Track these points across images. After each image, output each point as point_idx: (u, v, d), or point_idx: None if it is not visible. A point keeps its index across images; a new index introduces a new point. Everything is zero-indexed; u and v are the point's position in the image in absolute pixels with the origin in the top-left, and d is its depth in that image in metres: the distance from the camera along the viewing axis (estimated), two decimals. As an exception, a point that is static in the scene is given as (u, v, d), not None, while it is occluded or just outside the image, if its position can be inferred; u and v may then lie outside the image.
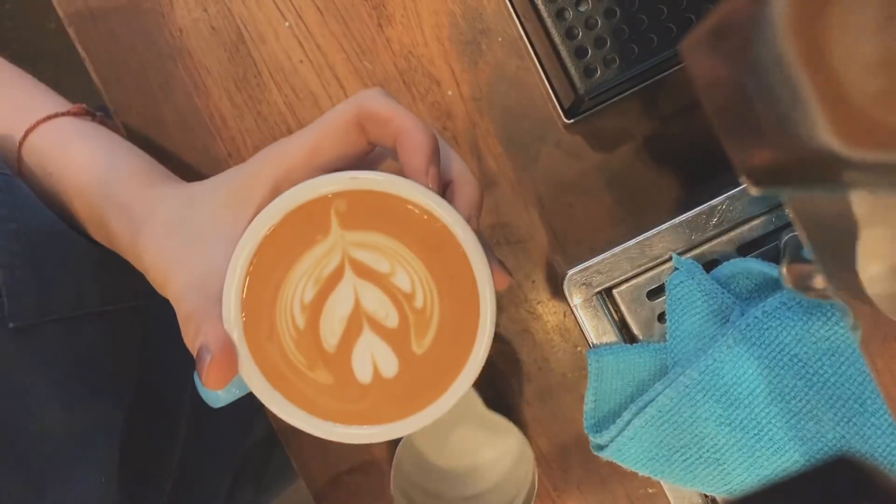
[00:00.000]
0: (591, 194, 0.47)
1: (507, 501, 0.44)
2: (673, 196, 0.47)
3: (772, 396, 0.37)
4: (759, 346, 0.37)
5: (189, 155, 0.48)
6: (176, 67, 0.47)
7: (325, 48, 0.47)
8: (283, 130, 0.47)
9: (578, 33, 0.40)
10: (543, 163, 0.47)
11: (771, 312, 0.37)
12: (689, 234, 0.39)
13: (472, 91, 0.47)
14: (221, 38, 0.47)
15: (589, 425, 0.40)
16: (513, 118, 0.47)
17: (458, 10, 0.46)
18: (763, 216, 0.39)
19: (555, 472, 0.49)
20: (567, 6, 0.40)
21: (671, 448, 0.38)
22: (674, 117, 0.46)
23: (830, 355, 0.36)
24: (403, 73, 0.47)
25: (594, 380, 0.40)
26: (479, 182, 0.32)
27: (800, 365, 0.37)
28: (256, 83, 0.47)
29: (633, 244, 0.39)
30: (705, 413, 0.37)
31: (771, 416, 0.37)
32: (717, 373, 0.37)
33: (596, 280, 0.40)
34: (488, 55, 0.46)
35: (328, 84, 0.47)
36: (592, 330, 0.40)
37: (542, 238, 0.47)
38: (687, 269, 0.39)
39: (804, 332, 0.36)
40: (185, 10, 0.47)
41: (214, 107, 0.47)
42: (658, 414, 0.38)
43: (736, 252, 0.40)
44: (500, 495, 0.45)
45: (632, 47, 0.40)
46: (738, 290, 0.39)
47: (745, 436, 0.37)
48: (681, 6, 0.39)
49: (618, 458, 0.40)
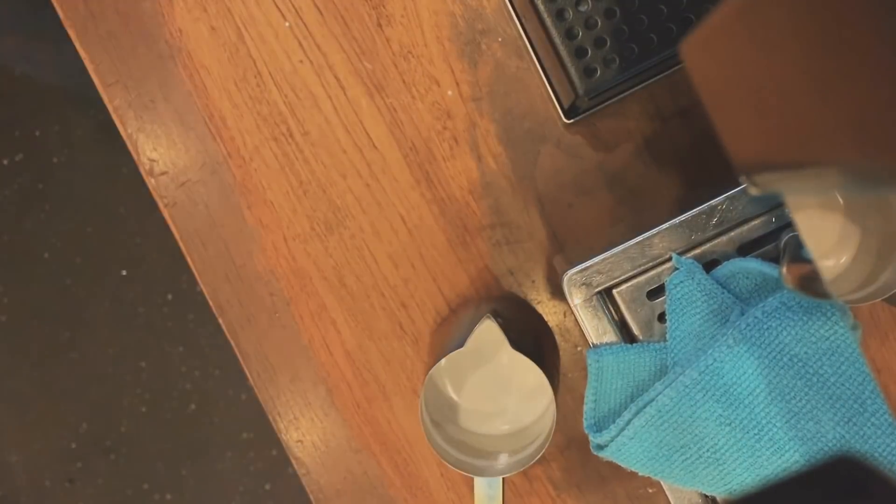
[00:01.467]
0: (591, 194, 0.47)
1: (528, 442, 0.45)
2: (673, 196, 0.47)
3: (772, 396, 0.37)
4: (759, 345, 0.37)
5: (189, 155, 0.48)
6: (176, 67, 0.47)
7: (324, 48, 0.47)
8: (283, 130, 0.47)
9: (578, 33, 0.40)
10: (543, 163, 0.47)
11: (771, 312, 0.37)
12: (689, 234, 0.39)
13: (472, 91, 0.47)
14: (221, 38, 0.47)
15: (589, 425, 0.40)
16: (513, 118, 0.47)
17: (458, 10, 0.46)
18: (763, 216, 0.39)
19: (555, 472, 0.49)
20: (567, 6, 0.40)
21: (671, 448, 0.38)
22: (674, 117, 0.46)
23: (830, 355, 0.36)
24: (403, 74, 0.47)
25: (594, 380, 0.40)
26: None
27: (800, 365, 0.37)
28: (256, 83, 0.47)
29: (633, 244, 0.39)
30: (705, 413, 0.37)
31: (771, 416, 0.37)
32: (717, 373, 0.37)
33: (596, 280, 0.40)
34: (488, 55, 0.46)
35: (328, 84, 0.47)
36: (592, 330, 0.40)
37: (542, 238, 0.47)
38: (687, 269, 0.39)
39: (804, 332, 0.36)
40: (185, 10, 0.47)
41: (214, 107, 0.47)
42: (658, 414, 0.38)
43: (736, 252, 0.40)
44: (523, 437, 0.45)
45: (632, 47, 0.40)
46: (738, 290, 0.39)
47: (745, 436, 0.37)
48: (681, 6, 0.39)
49: (618, 458, 0.39)
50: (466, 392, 0.46)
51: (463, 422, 0.46)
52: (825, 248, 0.35)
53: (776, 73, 0.23)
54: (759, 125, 0.26)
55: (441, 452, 0.43)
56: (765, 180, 0.28)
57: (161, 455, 1.33)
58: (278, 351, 0.49)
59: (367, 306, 0.48)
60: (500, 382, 0.46)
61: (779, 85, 0.23)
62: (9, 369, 1.33)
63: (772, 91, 0.23)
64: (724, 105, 0.29)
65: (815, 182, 0.24)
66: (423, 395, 0.43)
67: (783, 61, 0.22)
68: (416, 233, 0.48)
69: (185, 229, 0.48)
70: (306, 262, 0.48)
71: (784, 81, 0.22)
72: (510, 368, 0.46)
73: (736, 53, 0.25)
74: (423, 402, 0.43)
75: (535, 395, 0.46)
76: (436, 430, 0.44)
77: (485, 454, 0.45)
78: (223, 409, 1.31)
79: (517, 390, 0.46)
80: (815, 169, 0.23)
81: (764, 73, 0.23)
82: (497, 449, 0.45)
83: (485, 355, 0.46)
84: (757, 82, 0.24)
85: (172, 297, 1.31)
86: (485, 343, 0.45)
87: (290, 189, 0.48)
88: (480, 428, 0.46)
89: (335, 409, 0.49)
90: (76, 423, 1.33)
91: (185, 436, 1.32)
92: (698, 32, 0.28)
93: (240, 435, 1.31)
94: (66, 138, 1.31)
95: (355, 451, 0.49)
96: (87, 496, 1.33)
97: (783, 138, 0.24)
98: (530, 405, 0.46)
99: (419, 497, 0.49)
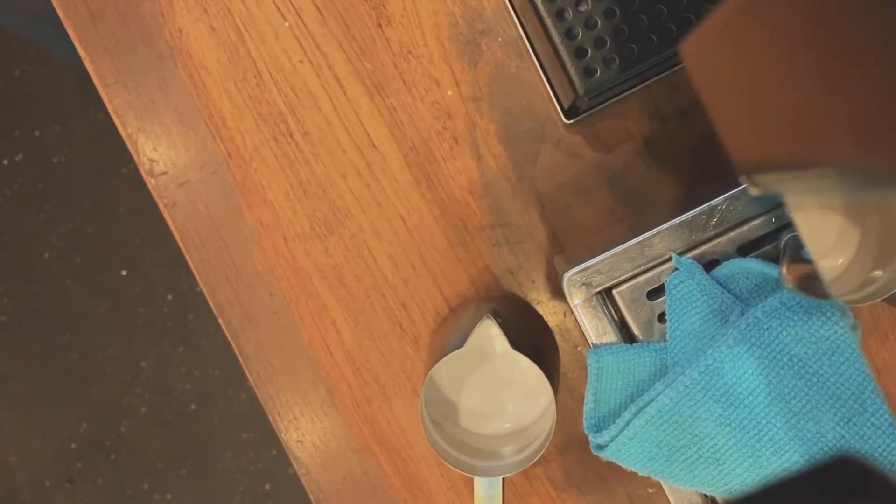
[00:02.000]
0: (591, 194, 0.47)
1: (528, 442, 0.44)
2: (673, 196, 0.47)
3: (772, 396, 0.37)
4: (759, 346, 0.37)
5: (189, 155, 0.48)
6: (176, 67, 0.47)
7: (324, 48, 0.47)
8: (283, 130, 0.47)
9: (578, 33, 0.40)
10: (543, 163, 0.47)
11: (771, 312, 0.37)
12: (689, 234, 0.39)
13: (472, 91, 0.47)
14: (221, 38, 0.47)
15: (589, 425, 0.40)
16: (513, 118, 0.47)
17: (457, 10, 0.46)
18: (763, 216, 0.39)
19: (555, 472, 0.49)
20: (567, 6, 0.40)
21: (671, 448, 0.38)
22: (674, 117, 0.46)
23: (830, 355, 0.36)
24: (403, 74, 0.47)
25: (594, 380, 0.40)
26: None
27: (800, 365, 0.37)
28: (256, 83, 0.47)
29: (633, 244, 0.39)
30: (705, 413, 0.37)
31: (771, 416, 0.37)
32: (717, 373, 0.37)
33: (596, 280, 0.40)
34: (488, 55, 0.46)
35: (328, 84, 0.47)
36: (592, 330, 0.40)
37: (542, 238, 0.47)
38: (687, 269, 0.39)
39: (804, 332, 0.36)
40: (185, 10, 0.47)
41: (214, 107, 0.47)
42: (658, 414, 0.38)
43: (736, 252, 0.40)
44: (523, 437, 0.45)
45: (632, 47, 0.40)
46: (738, 290, 0.39)
47: (745, 436, 0.37)
48: (681, 6, 0.39)
49: (618, 458, 0.39)
50: (466, 392, 0.46)
51: (463, 422, 0.46)
52: (825, 248, 0.35)
53: (776, 72, 0.23)
54: (759, 125, 0.26)
55: (441, 452, 0.43)
56: (765, 180, 0.28)
57: (161, 455, 1.33)
58: (278, 351, 0.49)
59: (367, 306, 0.48)
60: (499, 382, 0.46)
61: (779, 84, 0.23)
62: (9, 369, 1.33)
63: (772, 91, 0.23)
64: (724, 105, 0.29)
65: (815, 182, 0.24)
66: (423, 394, 0.43)
67: (783, 61, 0.22)
68: (416, 233, 0.48)
69: (185, 229, 0.48)
70: (306, 262, 0.48)
71: (784, 81, 0.22)
72: (510, 368, 0.46)
73: (736, 53, 0.25)
74: (423, 402, 0.43)
75: (534, 395, 0.46)
76: (436, 429, 0.44)
77: (485, 454, 0.45)
78: (223, 409, 1.31)
79: (517, 390, 0.46)
80: (816, 169, 0.23)
81: (764, 73, 0.23)
82: (497, 449, 0.45)
83: (485, 355, 0.46)
84: (757, 82, 0.24)
85: (172, 297, 1.31)
86: (484, 343, 0.45)
87: (290, 189, 0.48)
88: (480, 428, 0.46)
89: (335, 409, 0.49)
90: (76, 423, 1.33)
91: (185, 436, 1.32)
92: (698, 32, 0.28)
93: (240, 435, 1.31)
94: (66, 138, 1.31)
95: (355, 451, 0.49)
96: (87, 496, 1.33)
97: (783, 138, 0.24)
98: (530, 405, 0.46)
99: (419, 497, 0.49)
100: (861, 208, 0.35)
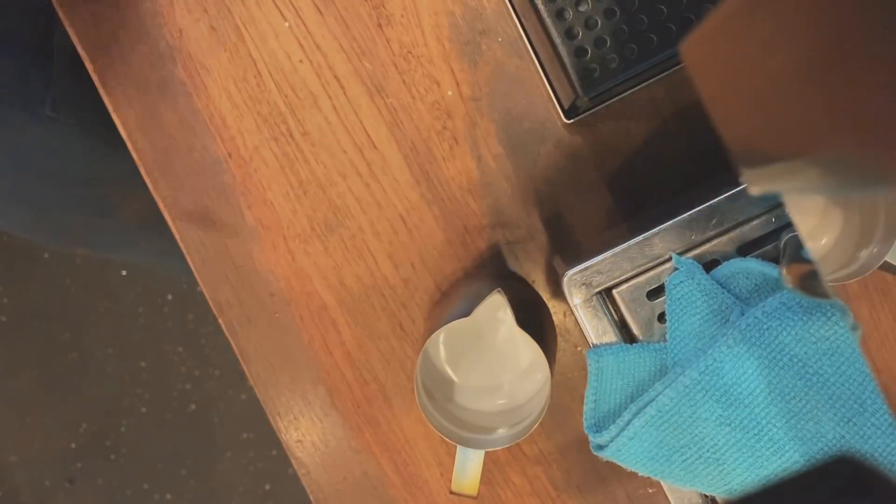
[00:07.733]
0: (591, 194, 0.47)
1: (519, 420, 0.44)
2: (673, 196, 0.47)
3: (772, 396, 0.37)
4: (759, 346, 0.37)
5: (189, 155, 0.48)
6: (176, 67, 0.47)
7: (324, 48, 0.47)
8: (283, 130, 0.47)
9: (578, 33, 0.40)
10: (543, 163, 0.47)
11: (771, 312, 0.37)
12: (689, 234, 0.39)
13: (472, 91, 0.47)
14: (221, 38, 0.47)
15: (589, 425, 0.40)
16: (513, 118, 0.47)
17: (457, 10, 0.46)
18: (763, 216, 0.39)
19: (555, 472, 0.49)
20: (567, 6, 0.40)
21: (671, 448, 0.38)
22: (674, 117, 0.46)
23: (830, 355, 0.36)
24: (403, 74, 0.47)
25: (594, 380, 0.40)
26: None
27: (800, 365, 0.37)
28: (256, 83, 0.47)
29: (633, 244, 0.39)
30: (705, 413, 0.37)
31: (771, 416, 0.37)
32: (717, 373, 0.37)
33: (596, 280, 0.40)
34: (488, 55, 0.46)
35: (328, 84, 0.47)
36: (592, 330, 0.40)
37: (542, 238, 0.47)
38: (687, 269, 0.39)
39: (804, 332, 0.36)
40: (185, 10, 0.47)
41: (214, 107, 0.47)
42: (658, 414, 0.38)
43: (736, 252, 0.40)
44: (515, 414, 0.45)
45: (632, 47, 0.40)
46: (738, 290, 0.39)
47: (745, 436, 0.37)
48: (681, 6, 0.39)
49: (618, 458, 0.39)
50: (464, 365, 0.46)
51: (457, 394, 0.46)
52: (811, 228, 0.37)
53: (776, 72, 0.23)
54: (759, 124, 0.26)
55: (430, 418, 0.43)
56: (765, 179, 0.28)
57: (161, 455, 1.33)
58: (278, 351, 0.49)
59: (367, 306, 0.48)
60: (498, 358, 0.46)
61: (779, 84, 0.23)
62: (9, 369, 1.33)
63: (772, 90, 0.23)
64: (724, 104, 0.29)
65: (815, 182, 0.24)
66: (420, 361, 0.43)
67: (783, 60, 0.22)
68: (416, 233, 0.48)
69: (185, 229, 0.48)
70: (306, 262, 0.48)
71: (784, 80, 0.22)
72: (511, 345, 0.46)
73: (736, 53, 0.25)
74: (419, 370, 0.43)
75: (530, 374, 0.46)
76: (430, 401, 0.44)
77: (474, 427, 0.45)
78: (223, 409, 1.31)
79: (515, 367, 0.46)
80: (816, 168, 0.23)
81: (764, 73, 0.23)
82: (487, 424, 0.45)
83: (487, 328, 0.46)
84: (757, 81, 0.24)
85: (172, 297, 1.31)
86: (490, 316, 0.45)
87: (290, 189, 0.48)
88: (474, 403, 0.46)
89: (335, 409, 0.49)
90: (76, 423, 1.33)
91: (185, 436, 1.32)
92: (698, 32, 0.28)
93: (240, 435, 1.31)
94: (66, 138, 1.31)
95: (355, 451, 0.49)
96: (87, 496, 1.33)
97: (784, 137, 0.24)
98: (525, 383, 0.46)
99: (419, 497, 0.49)
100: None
